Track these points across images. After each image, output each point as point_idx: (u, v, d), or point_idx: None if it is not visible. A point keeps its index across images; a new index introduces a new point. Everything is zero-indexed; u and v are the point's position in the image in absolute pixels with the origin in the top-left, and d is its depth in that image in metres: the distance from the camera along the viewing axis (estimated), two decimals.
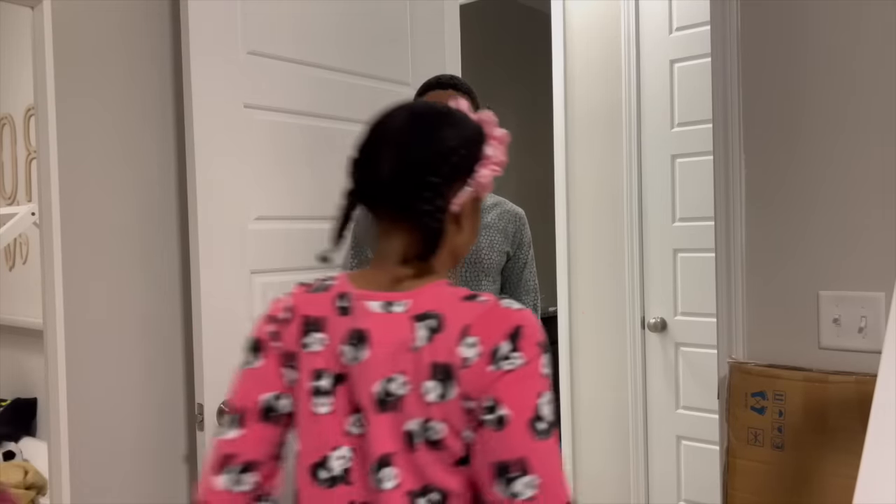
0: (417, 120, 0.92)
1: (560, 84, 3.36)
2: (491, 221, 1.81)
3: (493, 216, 1.82)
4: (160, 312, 1.80)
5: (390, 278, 0.94)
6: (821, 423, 1.57)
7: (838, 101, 1.59)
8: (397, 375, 0.88)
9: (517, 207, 1.88)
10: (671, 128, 3.07)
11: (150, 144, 1.79)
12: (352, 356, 0.92)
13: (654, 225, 3.13)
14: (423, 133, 0.91)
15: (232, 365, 1.68)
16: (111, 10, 1.73)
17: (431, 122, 0.92)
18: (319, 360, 0.94)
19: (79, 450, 1.67)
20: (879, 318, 1.55)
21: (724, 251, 1.75)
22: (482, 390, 0.85)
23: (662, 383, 3.10)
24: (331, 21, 1.90)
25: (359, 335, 0.91)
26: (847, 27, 1.57)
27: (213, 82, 1.64)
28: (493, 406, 0.84)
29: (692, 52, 2.98)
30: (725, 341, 1.76)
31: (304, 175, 1.84)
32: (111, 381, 1.72)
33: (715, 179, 1.76)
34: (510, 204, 1.88)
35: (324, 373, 0.94)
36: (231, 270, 1.67)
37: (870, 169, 1.55)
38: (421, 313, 0.89)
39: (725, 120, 1.73)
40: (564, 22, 3.34)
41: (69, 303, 1.66)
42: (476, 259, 1.75)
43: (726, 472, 1.72)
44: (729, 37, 1.72)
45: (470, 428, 0.86)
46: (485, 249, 1.77)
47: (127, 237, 1.75)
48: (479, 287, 1.76)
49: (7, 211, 3.05)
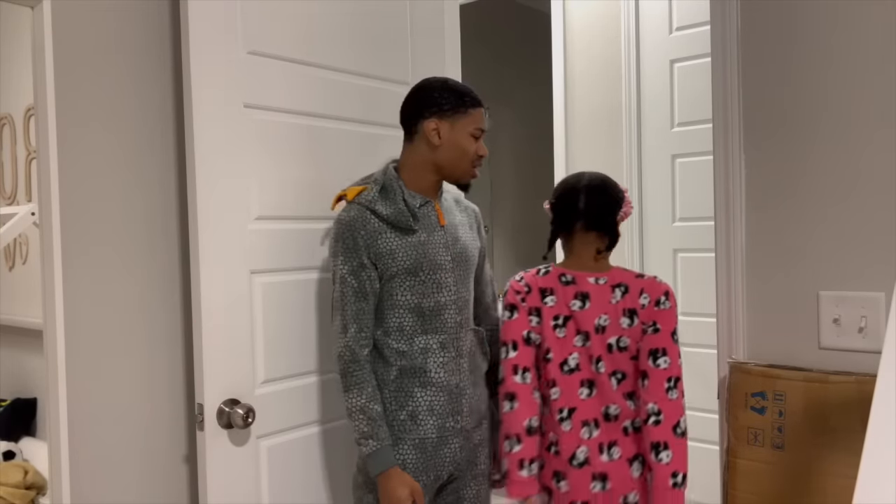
0: (602, 183, 1.76)
1: (560, 84, 3.36)
2: (463, 220, 1.80)
3: (462, 214, 1.81)
4: (160, 312, 1.80)
5: (592, 265, 1.75)
6: (821, 423, 1.57)
7: (838, 101, 1.59)
8: (604, 315, 1.71)
9: (471, 203, 1.90)
10: (671, 128, 3.07)
11: (149, 144, 1.79)
12: (579, 306, 1.71)
13: (654, 225, 3.13)
14: (607, 190, 1.76)
15: (232, 365, 1.68)
16: (111, 10, 1.73)
17: (607, 185, 1.76)
18: (555, 310, 1.72)
19: (79, 450, 1.67)
20: (879, 319, 1.55)
21: (724, 251, 1.75)
22: (650, 318, 1.70)
23: None
24: (331, 21, 1.90)
25: (583, 295, 1.72)
26: (847, 27, 1.57)
27: (213, 82, 1.64)
28: (654, 324, 1.70)
29: (692, 52, 2.98)
30: (725, 341, 1.76)
31: (304, 175, 1.84)
32: (111, 381, 1.72)
33: (715, 179, 1.76)
34: (465, 200, 1.88)
35: (559, 316, 1.71)
36: (231, 270, 1.67)
37: (870, 169, 1.55)
38: (615, 284, 1.73)
39: (725, 120, 1.73)
40: (564, 22, 3.34)
41: (69, 303, 1.66)
42: (466, 257, 1.75)
43: (726, 472, 1.72)
44: (729, 37, 1.72)
45: (640, 339, 1.71)
46: (470, 248, 1.77)
47: (127, 237, 1.75)
48: (469, 284, 1.76)
49: (7, 211, 3.06)
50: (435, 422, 1.68)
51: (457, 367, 1.71)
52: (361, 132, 1.96)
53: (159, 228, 1.80)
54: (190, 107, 1.61)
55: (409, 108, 1.71)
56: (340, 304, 1.65)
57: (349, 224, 1.65)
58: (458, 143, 1.69)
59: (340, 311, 1.65)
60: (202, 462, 1.62)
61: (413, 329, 1.67)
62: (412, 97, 1.71)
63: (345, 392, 1.64)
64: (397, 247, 1.65)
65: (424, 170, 1.71)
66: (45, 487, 2.86)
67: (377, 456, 1.61)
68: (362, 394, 1.62)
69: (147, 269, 1.78)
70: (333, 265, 1.67)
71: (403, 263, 1.65)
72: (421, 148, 1.70)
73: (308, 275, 1.84)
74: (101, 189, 1.71)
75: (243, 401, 1.67)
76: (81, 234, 1.68)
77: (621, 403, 1.71)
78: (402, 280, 1.66)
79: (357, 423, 1.62)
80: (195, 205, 1.62)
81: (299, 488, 1.82)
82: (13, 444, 3.17)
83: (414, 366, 1.66)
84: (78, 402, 1.66)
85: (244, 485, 1.69)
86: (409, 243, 1.66)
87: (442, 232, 1.72)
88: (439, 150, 1.68)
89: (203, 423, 1.62)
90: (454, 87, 1.70)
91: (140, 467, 1.76)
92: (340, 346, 1.64)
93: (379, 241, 1.64)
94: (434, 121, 1.67)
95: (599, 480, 1.68)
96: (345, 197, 1.71)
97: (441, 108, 1.67)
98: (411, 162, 1.71)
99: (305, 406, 1.83)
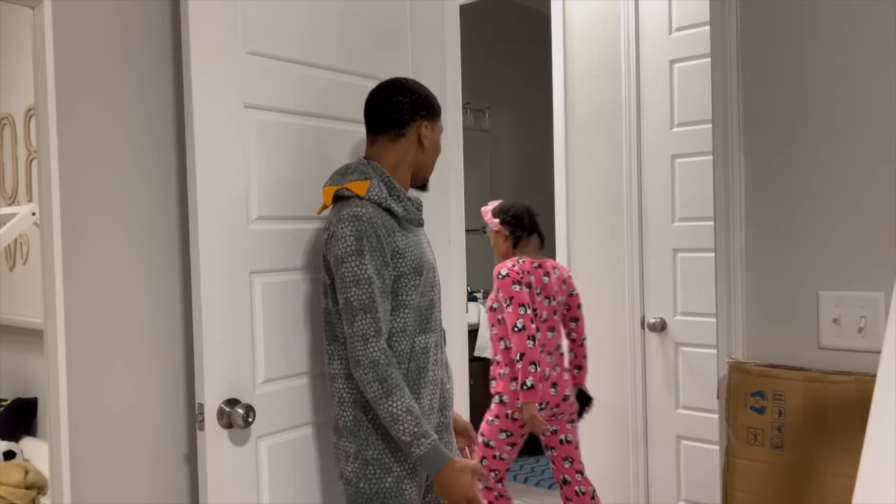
0: (530, 208, 3.02)
1: (560, 84, 3.36)
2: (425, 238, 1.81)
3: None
4: (160, 312, 1.80)
5: (538, 256, 2.92)
6: (820, 422, 1.57)
7: (838, 101, 1.59)
8: (556, 286, 2.90)
9: None
10: (671, 128, 3.07)
11: (150, 144, 1.79)
12: (546, 280, 2.86)
13: (653, 225, 3.13)
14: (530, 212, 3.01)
15: (232, 365, 1.68)
16: (111, 10, 1.73)
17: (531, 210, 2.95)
18: (536, 284, 2.83)
19: (79, 449, 1.67)
20: (879, 318, 1.55)
21: (724, 251, 1.75)
22: (569, 287, 2.99)
23: (662, 383, 3.10)
24: (331, 21, 1.90)
25: (547, 273, 2.88)
26: (847, 27, 1.57)
27: (213, 82, 1.64)
28: (571, 291, 3.00)
29: (692, 52, 2.98)
30: (725, 341, 1.76)
31: (304, 175, 1.84)
32: (111, 381, 1.72)
33: (715, 179, 1.76)
34: None
35: (538, 287, 2.84)
36: (231, 270, 1.68)
37: (870, 169, 1.56)
38: (553, 266, 2.93)
39: (725, 120, 1.73)
40: (564, 22, 3.34)
41: (69, 303, 1.66)
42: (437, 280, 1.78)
43: (726, 472, 1.72)
44: (729, 37, 1.72)
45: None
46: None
47: (127, 237, 1.75)
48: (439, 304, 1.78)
49: (7, 211, 3.05)
50: (433, 419, 1.68)
51: (441, 362, 1.74)
52: (361, 132, 1.96)
53: (159, 228, 1.80)
54: (190, 107, 1.61)
55: (400, 108, 1.69)
56: (369, 305, 1.56)
57: (371, 221, 1.58)
58: (437, 146, 1.77)
59: (370, 314, 1.56)
60: (202, 462, 1.63)
61: (413, 329, 1.67)
62: (404, 98, 1.70)
63: (385, 398, 1.54)
64: (405, 245, 1.65)
65: (406, 170, 1.73)
66: (46, 487, 2.86)
67: (434, 452, 1.55)
68: (404, 395, 1.55)
69: (147, 269, 1.78)
70: (355, 264, 1.57)
71: (411, 262, 1.64)
72: (408, 148, 1.71)
73: (308, 275, 1.84)
74: (101, 189, 1.71)
75: (243, 400, 1.67)
76: (82, 234, 1.68)
77: (565, 340, 2.99)
78: (408, 279, 1.65)
79: (405, 426, 1.54)
80: (195, 205, 1.62)
81: (299, 488, 1.82)
82: (14, 443, 3.17)
83: (418, 366, 1.66)
84: (78, 402, 1.66)
85: (244, 484, 1.69)
86: (413, 242, 1.67)
87: (423, 231, 1.77)
88: (425, 151, 1.74)
89: (203, 423, 1.62)
90: (429, 91, 1.77)
91: (140, 467, 1.76)
92: (374, 350, 1.56)
93: (394, 239, 1.62)
94: (425, 123, 1.72)
95: (552, 387, 2.82)
96: (349, 191, 1.64)
97: (429, 111, 1.73)
98: (396, 161, 1.71)
99: (306, 406, 1.83)
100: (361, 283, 1.57)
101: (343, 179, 1.67)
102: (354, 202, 1.62)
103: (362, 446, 1.62)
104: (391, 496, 1.62)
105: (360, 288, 1.56)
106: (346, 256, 1.57)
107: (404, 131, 1.70)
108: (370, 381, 1.55)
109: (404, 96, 1.70)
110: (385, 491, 1.62)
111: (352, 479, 1.63)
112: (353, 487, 1.63)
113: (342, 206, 1.64)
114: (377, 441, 1.62)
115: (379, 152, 1.72)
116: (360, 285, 1.56)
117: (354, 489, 1.63)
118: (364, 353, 1.55)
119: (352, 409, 1.64)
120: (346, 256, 1.57)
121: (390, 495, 1.61)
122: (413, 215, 1.69)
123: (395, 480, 1.62)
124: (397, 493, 1.62)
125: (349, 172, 1.68)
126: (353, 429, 1.63)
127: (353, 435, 1.63)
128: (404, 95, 1.70)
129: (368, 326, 1.56)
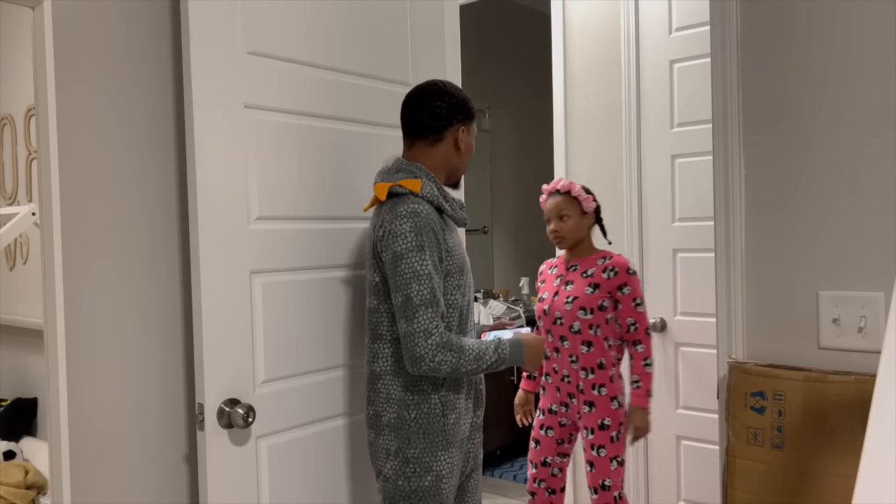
0: None
1: (560, 84, 3.36)
2: None
3: None
4: (160, 312, 1.80)
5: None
6: (820, 422, 1.57)
7: (838, 101, 1.59)
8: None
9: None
10: (671, 128, 3.07)
11: (150, 144, 1.79)
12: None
13: (653, 225, 3.13)
14: None
15: (232, 364, 1.68)
16: (111, 10, 1.73)
17: None
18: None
19: (79, 449, 1.67)
20: (879, 318, 1.55)
21: (724, 251, 1.75)
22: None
23: (662, 383, 3.10)
24: (331, 21, 1.90)
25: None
26: (846, 27, 1.57)
27: (213, 82, 1.64)
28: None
29: (692, 52, 2.98)
30: (725, 341, 1.76)
31: (304, 175, 1.84)
32: (111, 381, 1.72)
33: (715, 179, 1.76)
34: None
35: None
36: (231, 270, 1.68)
37: (869, 169, 1.56)
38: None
39: (725, 120, 1.73)
40: (564, 22, 3.34)
41: (69, 303, 1.66)
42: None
43: (726, 472, 1.72)
44: (729, 37, 1.72)
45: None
46: None
47: (127, 237, 1.75)
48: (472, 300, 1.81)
49: (7, 211, 3.05)
50: (467, 420, 1.70)
51: None
52: (361, 132, 1.97)
53: (159, 228, 1.80)
54: (190, 107, 1.61)
55: (438, 114, 1.70)
56: (431, 300, 1.56)
57: (428, 217, 1.59)
58: (471, 148, 1.78)
59: (431, 308, 1.56)
60: (202, 462, 1.63)
61: (457, 329, 1.67)
62: (441, 103, 1.70)
63: (462, 371, 1.59)
64: (453, 244, 1.67)
65: (442, 172, 1.74)
66: (46, 487, 2.86)
67: (512, 352, 1.64)
68: (470, 352, 1.59)
69: (147, 269, 1.78)
70: (416, 260, 1.57)
71: (457, 261, 1.66)
72: (445, 152, 1.72)
73: (308, 275, 1.84)
74: (101, 189, 1.71)
75: (243, 400, 1.67)
76: (82, 234, 1.68)
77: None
78: (454, 278, 1.65)
79: (485, 364, 1.61)
80: (195, 205, 1.62)
81: (299, 488, 1.82)
82: (14, 443, 3.18)
83: None
84: (78, 402, 1.66)
85: (244, 484, 1.69)
86: (457, 241, 1.69)
87: (460, 233, 1.79)
88: (462, 154, 1.75)
89: (203, 423, 1.62)
90: (465, 94, 1.77)
91: (140, 467, 1.76)
92: (437, 341, 1.56)
93: (446, 237, 1.64)
94: (462, 127, 1.73)
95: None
96: (403, 188, 1.63)
97: (465, 115, 1.74)
98: (435, 164, 1.72)
99: (306, 406, 1.83)
100: (422, 279, 1.56)
101: (394, 178, 1.67)
102: (410, 199, 1.61)
103: (403, 444, 1.64)
104: (429, 495, 1.63)
105: (420, 284, 1.56)
106: (407, 252, 1.57)
107: (442, 136, 1.71)
108: (445, 362, 1.56)
109: (442, 101, 1.70)
110: (423, 490, 1.62)
111: (390, 477, 1.65)
112: (392, 484, 1.65)
113: (397, 202, 1.62)
114: (419, 440, 1.63)
115: (417, 156, 1.72)
116: (420, 281, 1.56)
117: (393, 486, 1.65)
118: (426, 349, 1.55)
119: (397, 406, 1.65)
120: (407, 252, 1.57)
121: (428, 494, 1.63)
122: (459, 215, 1.71)
123: (434, 480, 1.63)
124: (435, 492, 1.63)
125: (396, 171, 1.69)
126: (395, 426, 1.65)
127: (395, 432, 1.64)
128: (442, 100, 1.70)
129: (430, 321, 1.56)
